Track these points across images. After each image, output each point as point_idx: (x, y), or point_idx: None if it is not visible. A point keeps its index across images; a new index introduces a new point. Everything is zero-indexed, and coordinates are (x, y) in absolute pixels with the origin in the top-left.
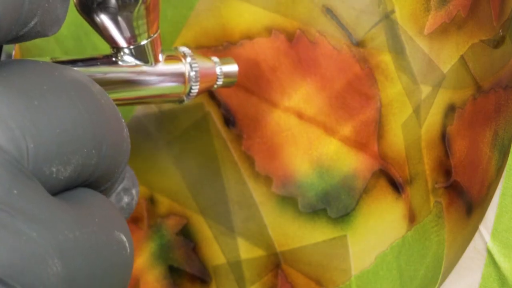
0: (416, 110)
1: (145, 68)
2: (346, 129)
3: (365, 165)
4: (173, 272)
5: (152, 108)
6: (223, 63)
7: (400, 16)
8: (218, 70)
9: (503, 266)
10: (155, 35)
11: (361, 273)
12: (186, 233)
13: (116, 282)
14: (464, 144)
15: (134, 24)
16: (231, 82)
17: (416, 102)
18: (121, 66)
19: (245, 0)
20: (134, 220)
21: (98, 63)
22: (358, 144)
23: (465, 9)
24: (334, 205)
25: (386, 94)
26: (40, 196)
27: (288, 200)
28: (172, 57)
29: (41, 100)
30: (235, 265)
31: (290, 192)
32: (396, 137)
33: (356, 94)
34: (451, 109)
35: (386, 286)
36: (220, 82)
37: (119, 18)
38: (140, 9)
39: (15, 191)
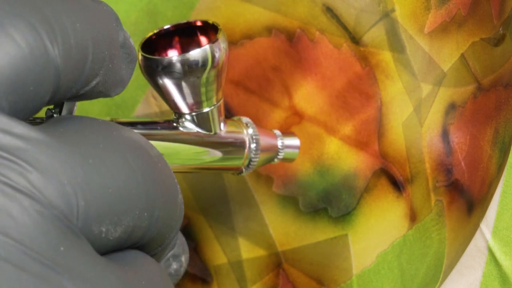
0: (417, 109)
1: (206, 136)
2: (347, 128)
3: (366, 164)
4: None
5: (153, 107)
6: (285, 136)
7: (400, 14)
8: (279, 143)
9: (504, 264)
10: (219, 103)
11: (362, 272)
12: (187, 233)
13: None
14: (465, 143)
15: (199, 90)
16: (292, 156)
17: (416, 100)
18: (182, 132)
19: None
20: None
21: (159, 128)
22: (359, 143)
23: (465, 7)
24: (335, 204)
25: (386, 93)
26: (87, 255)
27: (289, 200)
28: (234, 127)
29: (96, 158)
30: (236, 265)
31: (291, 192)
32: (397, 136)
33: (356, 93)
34: (451, 107)
35: (387, 285)
36: (281, 155)
37: (183, 84)
38: (209, 75)
39: (62, 248)
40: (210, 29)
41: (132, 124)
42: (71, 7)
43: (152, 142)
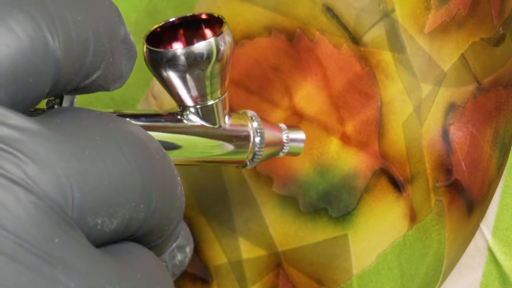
0: (417, 109)
1: (210, 129)
2: (347, 128)
3: (366, 164)
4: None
5: (153, 108)
6: (291, 130)
7: (401, 15)
8: (285, 136)
9: (504, 264)
10: (224, 96)
11: (362, 272)
12: None
13: None
14: (465, 143)
15: (205, 83)
16: (297, 150)
17: (416, 100)
18: (186, 125)
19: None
20: None
21: (162, 120)
22: (359, 143)
23: (466, 7)
24: (335, 205)
25: (386, 93)
26: (82, 247)
27: (289, 200)
28: (239, 120)
29: (92, 150)
30: (237, 265)
31: (291, 192)
32: (397, 136)
33: (356, 93)
34: (451, 107)
35: (387, 285)
36: (286, 149)
37: (188, 76)
38: (214, 68)
39: (56, 240)
40: (215, 22)
41: (136, 117)
42: (72, 1)
43: (156, 134)
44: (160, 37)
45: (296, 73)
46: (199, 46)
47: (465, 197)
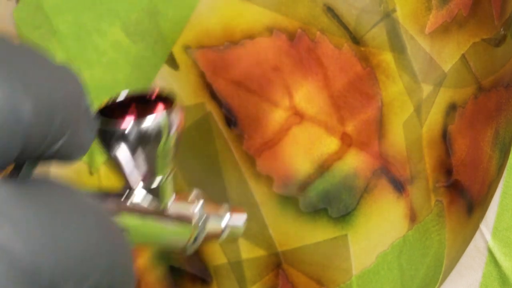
0: (417, 109)
1: (153, 210)
2: (348, 128)
3: (366, 165)
4: (174, 272)
5: None
6: (233, 211)
7: (401, 15)
8: (225, 221)
9: (504, 265)
10: (170, 175)
11: (362, 273)
12: None
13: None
14: (465, 143)
15: (152, 160)
16: (238, 234)
17: (417, 101)
18: (129, 205)
19: None
20: None
21: (107, 198)
22: (359, 143)
23: (466, 8)
24: (335, 205)
25: (387, 93)
26: None
27: (289, 200)
28: (183, 201)
29: (64, 218)
30: (236, 265)
31: (291, 192)
32: (397, 136)
33: (357, 94)
34: (452, 108)
35: (387, 286)
36: (226, 233)
37: (136, 152)
38: (162, 145)
39: None
40: (166, 99)
41: None
42: (41, 67)
43: None
44: (111, 112)
45: (296, 73)
46: (149, 122)
47: (465, 198)
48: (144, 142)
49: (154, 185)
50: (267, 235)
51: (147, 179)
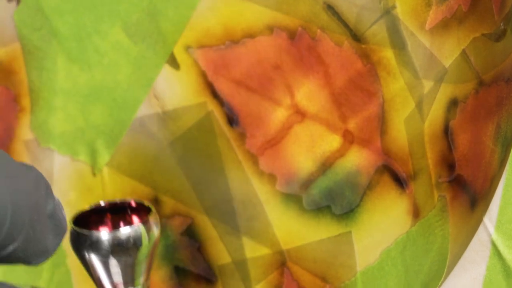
0: (419, 105)
1: None
2: (349, 126)
3: (368, 161)
4: (178, 272)
5: (155, 108)
6: None
7: (401, 11)
8: None
9: (507, 258)
10: (146, 285)
11: (366, 269)
12: (191, 233)
13: None
14: (467, 138)
15: (127, 270)
16: None
17: (418, 97)
18: None
19: None
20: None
21: None
22: (361, 140)
23: (466, 3)
24: (338, 202)
25: (388, 89)
26: None
27: (293, 198)
28: None
29: None
30: (241, 264)
31: (294, 190)
32: (399, 133)
33: (358, 91)
34: (453, 103)
35: (391, 282)
36: None
37: (110, 261)
38: (138, 255)
39: None
40: (143, 210)
41: None
42: None
43: None
44: (88, 219)
45: (297, 71)
46: (125, 232)
47: (468, 192)
48: (118, 252)
49: None
50: (271, 233)
51: (122, 286)
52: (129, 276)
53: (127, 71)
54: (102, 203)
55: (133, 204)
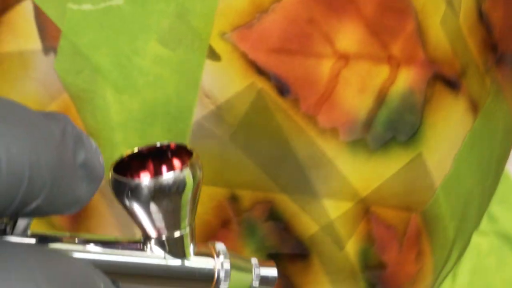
0: (449, 3)
1: (172, 262)
2: (392, 51)
3: (419, 77)
4: (273, 259)
5: (209, 107)
6: (262, 265)
7: None
8: (254, 274)
9: None
10: (191, 227)
11: (444, 181)
12: (274, 216)
13: None
14: (500, 15)
15: (170, 215)
16: (269, 286)
17: None
18: (147, 256)
19: None
20: (223, 224)
21: (120, 248)
22: (407, 59)
23: None
24: (402, 129)
25: (417, 0)
26: None
27: (359, 143)
28: (204, 253)
29: None
30: (328, 228)
31: (358, 135)
32: (439, 37)
33: (390, 12)
34: None
35: (469, 181)
36: (255, 284)
37: (153, 207)
38: (182, 199)
39: None
40: (184, 152)
41: (94, 242)
42: (10, 130)
43: (113, 264)
44: (128, 165)
45: (330, 17)
46: (167, 177)
47: None
48: (159, 198)
49: (173, 236)
50: (348, 186)
51: (164, 232)
52: (172, 221)
53: (173, 80)
54: (142, 147)
55: (173, 146)
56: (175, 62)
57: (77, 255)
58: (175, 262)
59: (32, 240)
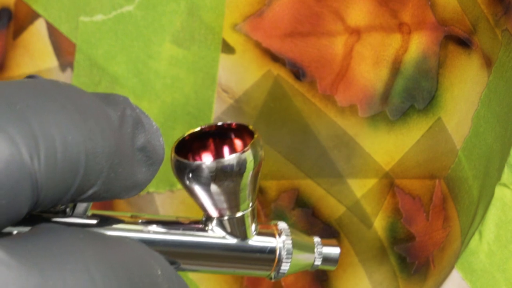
0: None
1: (234, 242)
2: (402, 18)
3: (431, 40)
4: None
5: (227, 101)
6: (325, 243)
7: None
8: (317, 252)
9: None
10: (253, 207)
11: (465, 143)
12: (301, 203)
13: None
14: None
15: (233, 196)
16: (331, 264)
17: None
18: (208, 236)
19: None
20: None
21: (181, 228)
22: (417, 25)
23: None
24: (419, 96)
25: None
26: None
27: (378, 117)
28: (266, 233)
29: (58, 281)
30: (355, 207)
31: (377, 108)
32: None
33: None
34: None
35: (489, 139)
36: (318, 262)
37: (215, 188)
38: (243, 181)
39: None
40: (245, 132)
41: (156, 223)
42: (67, 118)
43: (174, 243)
44: (189, 145)
45: None
46: (228, 159)
47: None
48: (221, 179)
49: (235, 216)
50: (371, 162)
51: (227, 213)
52: (233, 202)
53: (190, 80)
54: (203, 127)
55: (234, 126)
56: (190, 61)
57: (138, 235)
58: (236, 241)
59: (93, 221)
